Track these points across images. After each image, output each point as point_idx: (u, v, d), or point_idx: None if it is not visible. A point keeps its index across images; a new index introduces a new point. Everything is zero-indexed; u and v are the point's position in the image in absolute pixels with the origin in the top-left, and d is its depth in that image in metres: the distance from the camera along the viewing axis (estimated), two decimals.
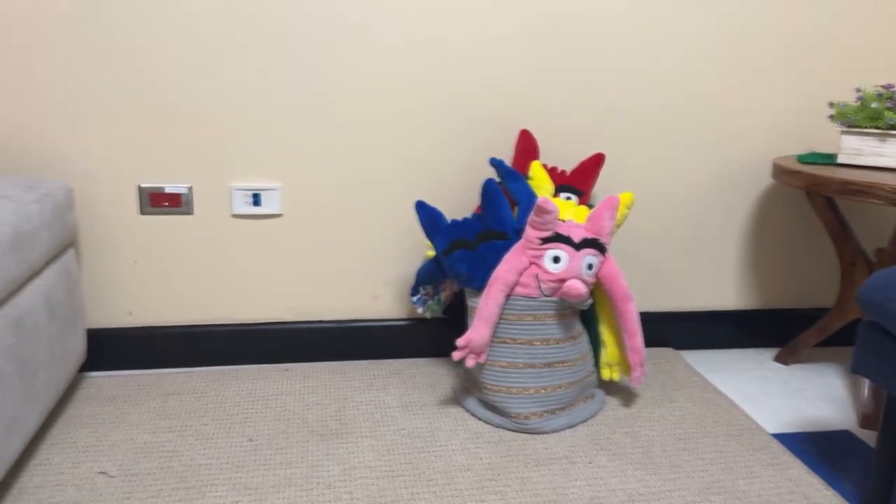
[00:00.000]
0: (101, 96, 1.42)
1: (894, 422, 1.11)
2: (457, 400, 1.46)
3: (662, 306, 1.78)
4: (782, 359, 1.75)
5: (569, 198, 1.50)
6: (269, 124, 1.49)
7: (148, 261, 1.53)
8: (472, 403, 1.42)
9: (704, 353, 1.79)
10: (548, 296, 1.32)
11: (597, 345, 1.46)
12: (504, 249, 1.34)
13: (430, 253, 1.50)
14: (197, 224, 1.52)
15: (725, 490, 1.19)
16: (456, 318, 1.62)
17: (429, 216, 1.42)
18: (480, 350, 1.32)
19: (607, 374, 1.46)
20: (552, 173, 1.51)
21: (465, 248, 1.36)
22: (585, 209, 1.42)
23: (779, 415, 1.49)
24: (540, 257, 1.31)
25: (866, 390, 1.49)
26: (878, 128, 1.46)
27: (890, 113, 1.44)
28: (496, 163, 1.44)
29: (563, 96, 1.57)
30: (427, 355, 1.68)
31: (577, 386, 1.38)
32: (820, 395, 1.59)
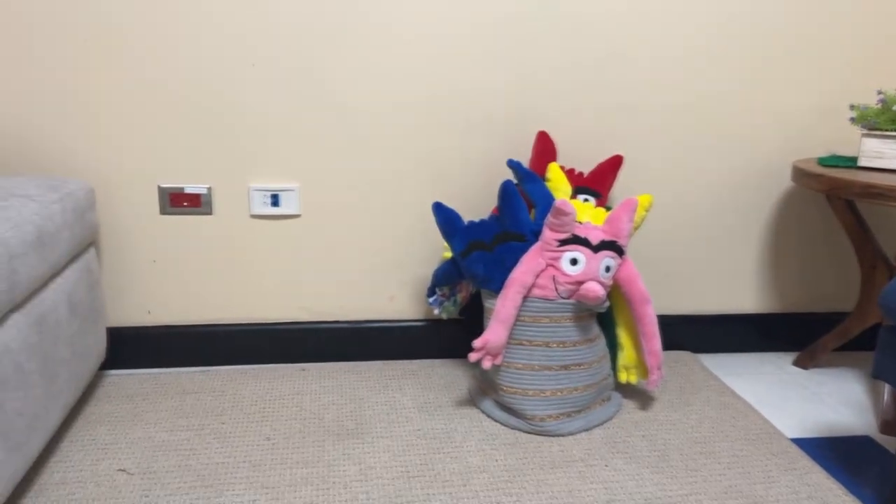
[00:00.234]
0: (123, 98, 1.43)
1: None
2: (472, 401, 1.46)
3: (680, 309, 1.77)
4: (801, 363, 1.74)
5: (586, 199, 1.49)
6: (287, 125, 1.50)
7: (167, 260, 1.54)
8: (488, 405, 1.42)
9: (722, 357, 1.78)
10: (565, 298, 1.32)
11: (614, 347, 1.45)
12: (521, 251, 1.33)
13: (447, 254, 1.50)
14: (216, 224, 1.53)
15: (743, 495, 1.18)
16: (472, 319, 1.62)
17: (446, 217, 1.42)
18: (497, 352, 1.32)
19: (624, 377, 1.45)
20: (570, 175, 1.51)
21: (483, 249, 1.37)
22: (603, 211, 1.41)
23: (797, 419, 1.48)
24: (557, 259, 1.30)
25: (887, 395, 1.47)
26: None
27: None
28: (514, 164, 1.44)
29: (581, 98, 1.57)
30: (443, 356, 1.68)
31: (593, 389, 1.38)
32: (839, 400, 1.57)
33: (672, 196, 1.67)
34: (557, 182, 1.46)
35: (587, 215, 1.39)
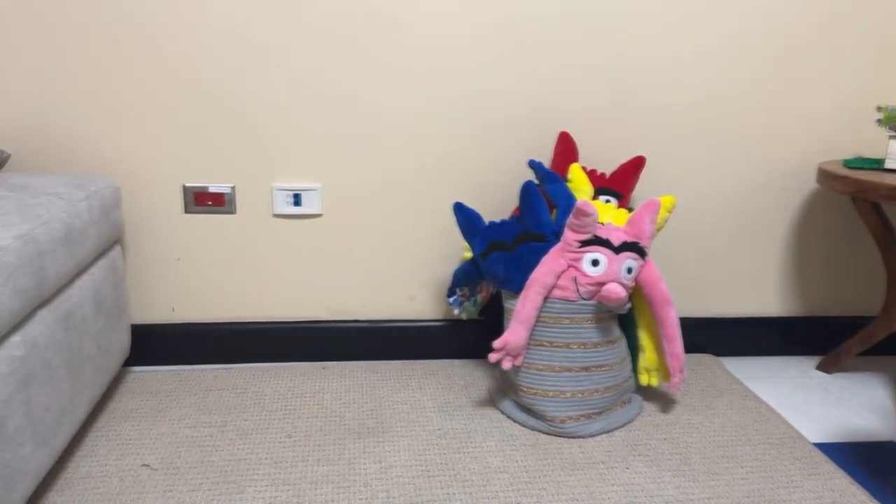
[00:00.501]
0: (149, 98, 1.45)
1: None
2: (492, 402, 1.46)
3: (702, 312, 1.75)
4: (825, 367, 1.72)
5: (608, 201, 1.49)
6: (310, 126, 1.51)
7: (191, 258, 1.56)
8: (508, 405, 1.42)
9: (744, 360, 1.76)
10: (586, 299, 1.31)
11: (635, 349, 1.44)
12: (542, 252, 1.33)
13: (468, 254, 1.50)
14: (239, 223, 1.55)
15: (766, 499, 1.17)
16: (492, 319, 1.62)
17: (467, 217, 1.42)
18: (517, 352, 1.31)
19: (645, 380, 1.44)
20: (591, 176, 1.51)
21: (503, 249, 1.37)
22: (625, 212, 1.41)
23: (821, 424, 1.46)
24: (578, 260, 1.30)
25: None
26: None
27: None
28: (535, 165, 1.44)
29: (603, 98, 1.56)
30: (462, 356, 1.68)
31: (614, 390, 1.37)
32: (864, 405, 1.55)
33: (695, 197, 1.66)
34: (579, 183, 1.45)
35: (609, 216, 1.39)
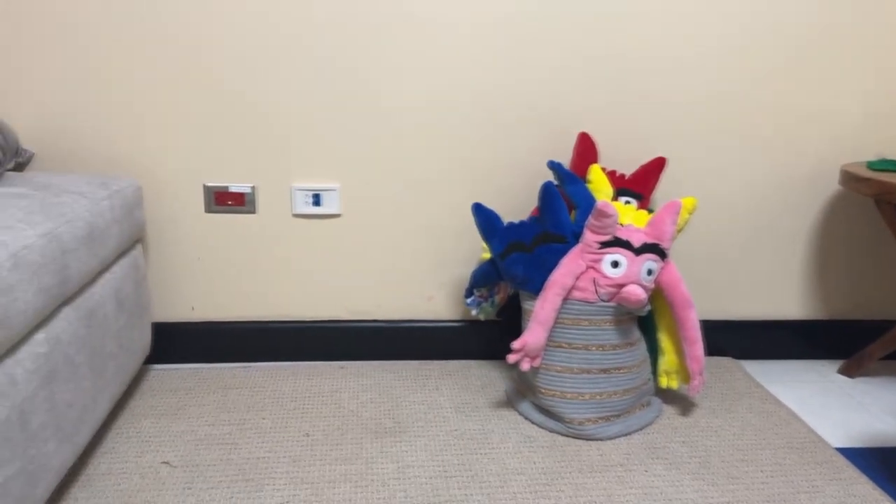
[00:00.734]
0: (170, 98, 1.46)
1: None
2: (510, 403, 1.46)
3: (722, 314, 1.74)
4: (846, 371, 1.70)
5: (628, 202, 1.48)
6: (329, 126, 1.51)
7: (211, 258, 1.57)
8: (526, 407, 1.41)
9: (765, 364, 1.75)
10: (605, 301, 1.31)
11: (655, 352, 1.44)
12: (561, 253, 1.33)
13: (486, 255, 1.50)
14: (259, 223, 1.55)
15: None
16: (509, 320, 1.62)
17: (485, 218, 1.42)
18: (536, 354, 1.31)
19: (665, 382, 1.43)
20: (611, 177, 1.50)
21: (522, 250, 1.36)
22: (645, 213, 1.40)
23: (842, 429, 1.45)
24: (598, 261, 1.29)
25: None
26: None
27: None
28: (554, 165, 1.43)
29: (623, 99, 1.56)
30: (479, 357, 1.68)
31: (633, 393, 1.36)
32: (886, 410, 1.53)
33: (716, 199, 1.65)
34: (599, 184, 1.45)
35: (629, 217, 1.38)
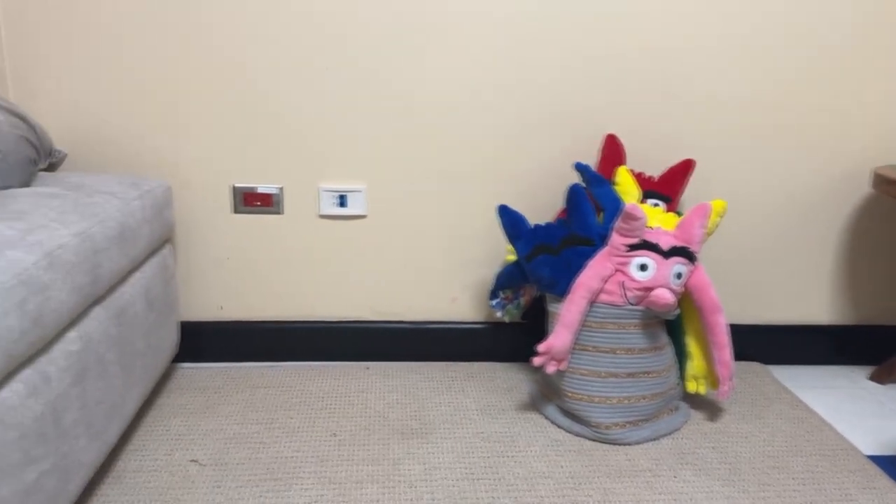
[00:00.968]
0: (199, 100, 1.47)
1: None
2: (535, 406, 1.45)
3: (750, 318, 1.72)
4: (878, 378, 1.67)
5: (656, 204, 1.47)
6: (356, 127, 1.52)
7: (239, 258, 1.58)
8: (552, 410, 1.41)
9: (794, 369, 1.72)
10: (633, 304, 1.30)
11: (682, 356, 1.42)
12: (588, 255, 1.32)
13: (511, 257, 1.49)
14: (286, 223, 1.56)
15: None
16: (534, 323, 1.61)
17: (511, 220, 1.41)
18: (562, 357, 1.30)
19: (693, 387, 1.42)
20: (639, 179, 1.49)
21: (548, 253, 1.36)
22: (673, 216, 1.38)
23: (874, 436, 1.42)
24: (626, 265, 1.28)
25: None
26: None
27: None
28: (581, 167, 1.42)
29: (651, 100, 1.54)
30: (504, 359, 1.67)
31: (661, 398, 1.35)
32: None
33: (744, 201, 1.63)
34: (626, 186, 1.43)
35: (657, 220, 1.37)
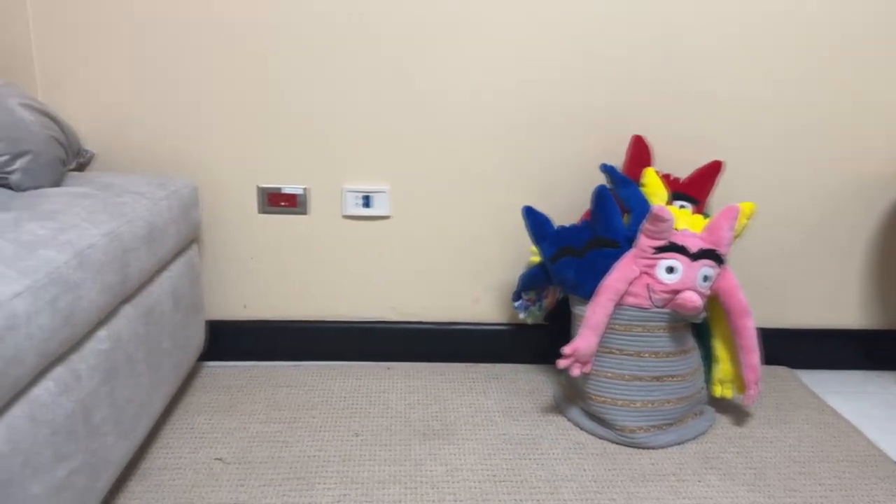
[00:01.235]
0: (226, 101, 1.49)
1: None
2: (558, 408, 1.45)
3: (778, 322, 1.69)
4: None
5: (683, 206, 1.45)
6: (380, 128, 1.52)
7: (264, 257, 1.59)
8: (575, 413, 1.40)
9: (821, 374, 1.69)
10: (660, 307, 1.28)
11: (709, 360, 1.41)
12: (614, 257, 1.31)
13: (535, 259, 1.49)
14: (311, 224, 1.57)
15: None
16: (557, 325, 1.60)
17: (536, 221, 1.41)
18: (587, 359, 1.30)
19: (719, 391, 1.40)
20: (666, 180, 1.47)
21: (573, 255, 1.35)
22: (701, 218, 1.37)
23: None
24: (653, 267, 1.27)
25: None
26: None
27: None
28: (607, 168, 1.41)
29: (678, 101, 1.53)
30: (526, 361, 1.67)
31: (687, 402, 1.34)
32: None
33: (773, 203, 1.61)
34: (653, 187, 1.42)
35: (684, 222, 1.35)
